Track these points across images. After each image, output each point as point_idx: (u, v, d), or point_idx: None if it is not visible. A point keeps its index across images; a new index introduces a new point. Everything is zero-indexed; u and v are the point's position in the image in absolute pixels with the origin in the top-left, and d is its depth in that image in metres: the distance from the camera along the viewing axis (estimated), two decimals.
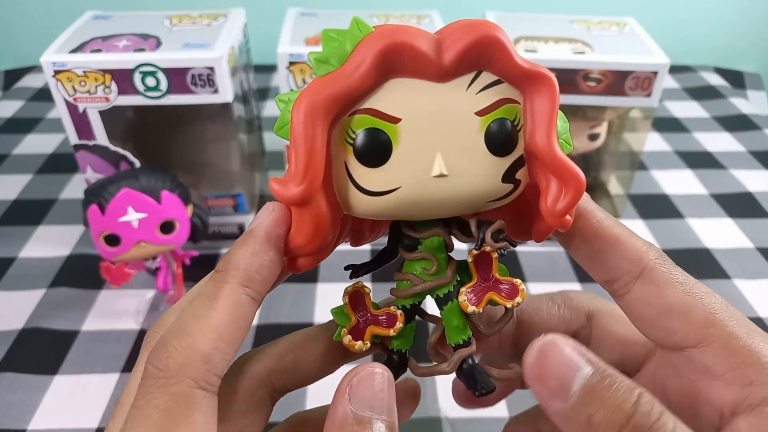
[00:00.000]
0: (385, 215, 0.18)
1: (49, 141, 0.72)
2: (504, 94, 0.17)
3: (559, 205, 0.17)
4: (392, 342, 0.20)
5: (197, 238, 0.48)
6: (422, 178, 0.17)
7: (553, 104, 0.17)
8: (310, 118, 0.16)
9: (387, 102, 0.16)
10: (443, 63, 0.16)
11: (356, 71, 0.16)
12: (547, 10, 0.62)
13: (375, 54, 0.16)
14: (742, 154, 0.72)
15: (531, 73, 0.17)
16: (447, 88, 0.16)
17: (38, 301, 0.49)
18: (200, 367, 0.16)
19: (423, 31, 0.16)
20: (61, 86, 0.45)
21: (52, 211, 0.59)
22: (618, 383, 0.15)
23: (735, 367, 0.17)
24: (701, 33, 0.95)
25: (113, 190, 0.43)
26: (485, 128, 0.17)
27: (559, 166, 0.17)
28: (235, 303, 0.17)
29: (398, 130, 0.16)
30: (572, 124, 0.54)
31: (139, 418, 0.15)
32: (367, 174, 0.17)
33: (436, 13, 0.55)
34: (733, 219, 0.60)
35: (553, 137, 0.17)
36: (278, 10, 0.58)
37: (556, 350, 0.16)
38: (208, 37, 0.48)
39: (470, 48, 0.16)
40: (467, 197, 0.17)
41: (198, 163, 0.55)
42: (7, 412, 0.40)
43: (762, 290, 0.52)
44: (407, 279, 0.20)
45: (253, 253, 0.17)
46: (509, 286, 0.19)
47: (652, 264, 0.18)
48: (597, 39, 0.52)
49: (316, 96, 0.16)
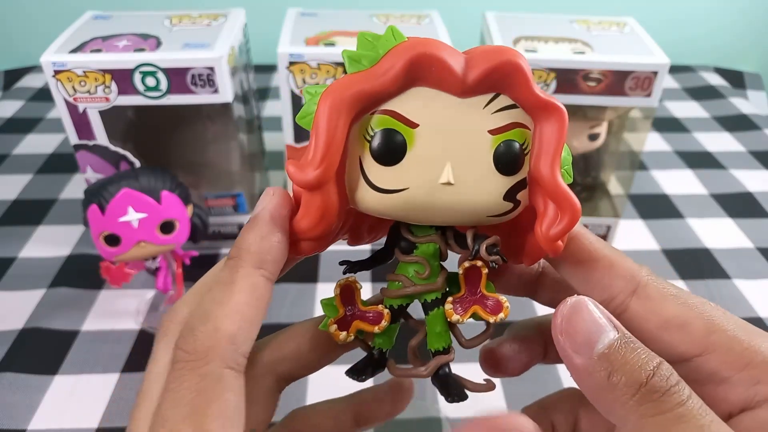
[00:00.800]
0: (388, 214, 0.19)
1: (49, 141, 0.72)
2: (517, 118, 0.18)
3: (553, 230, 0.18)
4: (375, 340, 0.21)
5: (197, 238, 0.48)
6: (430, 183, 0.18)
7: (560, 135, 0.18)
8: (336, 109, 0.17)
9: (408, 107, 0.17)
10: (467, 80, 0.17)
11: (386, 74, 0.17)
12: (547, 10, 0.62)
13: (406, 60, 0.17)
14: (742, 154, 0.72)
15: (545, 103, 0.18)
16: (466, 103, 0.18)
17: (38, 301, 0.49)
18: (227, 347, 0.17)
19: (453, 49, 0.17)
20: (61, 86, 0.45)
21: (52, 211, 0.59)
22: (640, 349, 0.16)
23: (741, 369, 0.17)
24: (701, 33, 0.95)
25: (113, 190, 0.43)
26: (495, 146, 0.18)
27: (559, 194, 0.18)
28: (252, 285, 0.17)
29: (414, 135, 0.17)
30: (572, 124, 0.54)
31: (173, 399, 0.16)
32: (379, 171, 0.18)
33: (436, 13, 0.55)
34: (733, 219, 0.60)
35: (556, 166, 0.18)
36: (278, 10, 0.58)
37: (587, 309, 0.17)
38: (208, 37, 0.48)
39: (494, 70, 0.17)
40: (469, 208, 0.18)
41: (198, 163, 0.55)
42: (7, 412, 0.40)
43: (762, 290, 0.52)
44: (399, 280, 0.21)
45: (262, 236, 0.18)
46: (494, 302, 0.20)
47: (645, 280, 0.19)
48: (597, 39, 0.52)
49: (345, 91, 0.17)
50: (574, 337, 0.17)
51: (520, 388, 0.42)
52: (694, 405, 0.15)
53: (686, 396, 0.15)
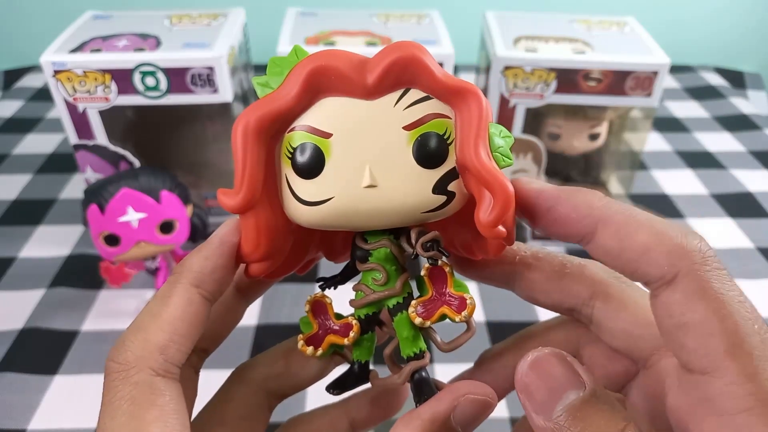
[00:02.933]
0: (325, 225, 0.19)
1: (48, 141, 0.72)
2: (433, 109, 0.18)
3: (489, 215, 0.17)
4: (353, 352, 0.21)
5: (197, 238, 0.48)
6: (353, 189, 0.18)
7: (479, 116, 0.17)
8: (244, 135, 0.17)
9: (319, 118, 0.18)
10: (367, 82, 0.17)
11: (288, 93, 0.17)
12: (547, 9, 0.62)
13: (303, 77, 0.17)
14: (742, 154, 0.72)
15: (454, 88, 0.18)
16: (375, 104, 0.18)
17: (38, 301, 0.49)
18: (157, 357, 0.17)
19: (351, 55, 0.18)
20: (61, 86, 0.45)
21: (51, 211, 0.59)
22: (605, 411, 0.15)
23: (740, 410, 0.14)
24: (701, 33, 0.95)
25: (113, 190, 0.43)
26: (412, 142, 0.18)
27: (486, 178, 0.17)
28: (187, 300, 0.18)
29: (330, 144, 0.18)
30: (573, 124, 0.54)
31: (110, 412, 0.16)
32: (304, 185, 0.18)
33: (436, 13, 0.55)
34: (733, 219, 0.60)
35: (480, 149, 0.17)
36: (278, 10, 0.58)
37: (548, 365, 0.16)
38: (208, 37, 0.48)
39: (390, 68, 0.17)
40: (398, 208, 0.18)
41: (198, 163, 0.55)
42: (7, 412, 0.40)
43: (762, 290, 0.51)
44: (361, 289, 0.21)
45: (206, 257, 0.18)
46: (459, 300, 0.19)
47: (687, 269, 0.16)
48: (597, 39, 0.52)
49: (250, 116, 0.17)
50: (534, 395, 0.16)
51: None
52: None
53: None
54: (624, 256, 0.17)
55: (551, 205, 0.18)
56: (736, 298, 0.16)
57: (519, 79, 0.48)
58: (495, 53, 0.48)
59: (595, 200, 0.18)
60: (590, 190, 0.18)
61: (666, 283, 0.16)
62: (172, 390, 0.17)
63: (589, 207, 0.18)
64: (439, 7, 0.59)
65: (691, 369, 0.16)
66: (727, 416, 0.15)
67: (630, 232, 0.17)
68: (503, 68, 0.48)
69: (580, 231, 0.18)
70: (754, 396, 0.14)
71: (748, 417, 0.14)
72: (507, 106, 0.50)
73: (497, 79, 0.49)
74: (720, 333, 0.15)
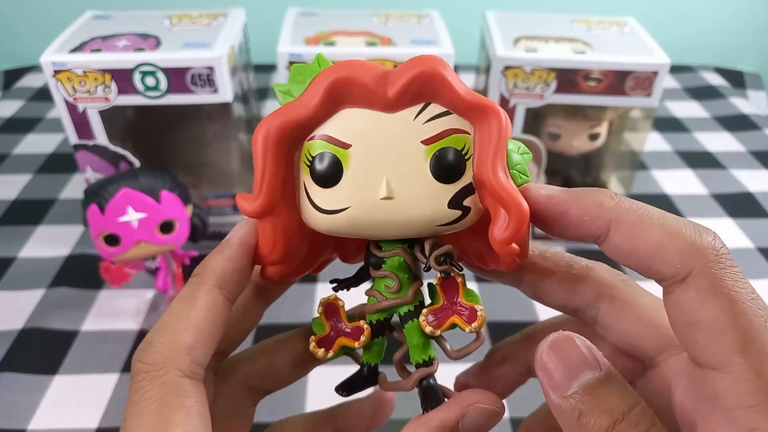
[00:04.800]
0: (340, 233, 0.19)
1: (48, 141, 0.72)
2: (452, 124, 0.18)
3: (503, 233, 0.17)
4: (363, 355, 0.22)
5: (197, 238, 0.48)
6: (370, 200, 0.18)
7: (499, 134, 0.18)
8: (264, 142, 0.18)
9: (339, 129, 0.18)
10: (388, 95, 0.17)
11: (310, 102, 0.18)
12: (547, 9, 0.62)
13: (325, 87, 0.17)
14: (742, 154, 0.72)
15: (475, 104, 0.18)
16: (395, 118, 0.18)
17: (38, 301, 0.49)
18: (184, 357, 0.17)
19: (375, 66, 0.18)
20: (61, 86, 0.45)
21: (51, 211, 0.59)
22: (618, 391, 0.16)
23: (747, 406, 0.15)
24: (701, 33, 0.95)
25: (113, 190, 0.43)
26: (430, 156, 0.18)
27: (502, 196, 0.17)
28: (211, 302, 0.18)
29: (349, 155, 0.18)
30: (572, 124, 0.54)
31: (137, 411, 0.16)
32: (321, 193, 0.18)
33: (436, 13, 0.55)
34: (733, 219, 0.60)
35: (497, 166, 0.18)
36: (278, 10, 0.58)
37: (567, 346, 0.17)
38: (208, 37, 0.48)
39: (412, 82, 0.17)
40: (413, 220, 0.18)
41: (198, 163, 0.55)
42: (7, 412, 0.40)
43: (762, 290, 0.51)
44: (373, 295, 0.21)
45: (228, 258, 0.19)
46: (469, 310, 0.20)
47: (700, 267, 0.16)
48: (597, 39, 0.52)
49: (272, 123, 0.18)
50: (553, 374, 0.16)
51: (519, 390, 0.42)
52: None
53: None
54: (637, 255, 0.17)
55: (562, 210, 0.18)
56: (749, 296, 0.16)
57: (519, 79, 0.49)
58: (495, 53, 0.48)
59: (605, 200, 0.18)
60: (599, 190, 0.18)
61: (679, 281, 0.16)
62: (198, 392, 0.17)
63: (599, 208, 0.18)
64: (439, 7, 0.59)
65: (702, 365, 0.16)
66: (734, 412, 0.15)
67: (642, 231, 0.17)
68: (503, 68, 0.48)
69: (593, 232, 0.18)
70: (762, 393, 0.14)
71: (755, 414, 0.14)
72: (507, 106, 0.50)
73: (497, 79, 0.49)
74: (731, 330, 0.15)
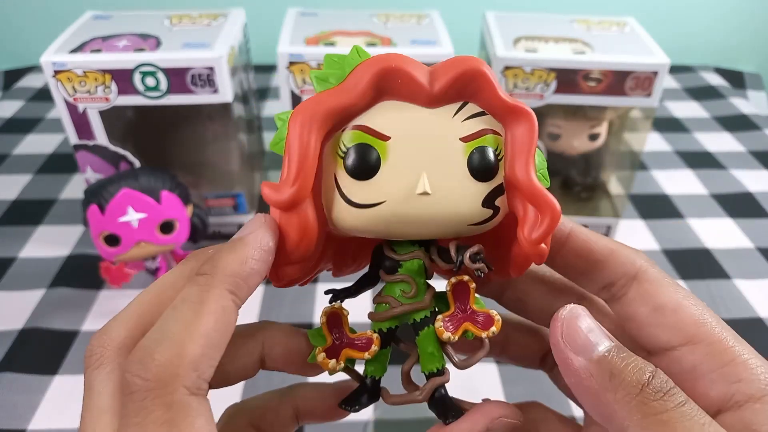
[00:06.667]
0: (368, 230, 0.19)
1: (49, 141, 0.72)
2: (487, 124, 0.18)
3: (535, 233, 0.18)
4: (366, 368, 0.21)
5: (197, 238, 0.48)
6: (407, 194, 0.18)
7: (531, 137, 0.18)
8: (307, 126, 0.17)
9: (379, 120, 0.18)
10: (433, 90, 0.17)
11: (354, 89, 0.17)
12: (547, 10, 0.62)
13: (372, 74, 0.17)
14: (742, 154, 0.72)
15: (512, 107, 0.18)
16: (435, 113, 0.18)
17: (38, 301, 0.49)
18: (191, 374, 0.15)
19: (417, 62, 0.17)
20: (61, 86, 0.45)
21: (52, 211, 0.59)
22: (635, 357, 0.16)
23: (723, 365, 0.17)
24: (701, 33, 0.95)
25: (113, 190, 0.44)
26: (468, 154, 0.18)
27: (537, 195, 0.18)
28: (222, 309, 0.16)
29: (387, 148, 0.18)
30: (572, 124, 0.54)
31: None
32: (355, 186, 0.18)
33: (436, 13, 0.55)
34: (733, 219, 0.60)
35: (531, 167, 0.18)
36: (278, 10, 0.58)
37: (585, 316, 0.17)
38: (208, 37, 0.48)
39: (458, 78, 0.17)
40: (449, 217, 0.18)
41: (198, 163, 0.55)
42: (7, 412, 0.40)
43: (762, 290, 0.51)
44: (386, 302, 0.20)
45: (244, 260, 0.17)
46: (484, 317, 0.20)
47: (646, 266, 0.19)
48: (597, 39, 0.52)
49: (314, 108, 0.17)
50: (575, 339, 0.17)
51: (520, 389, 0.42)
52: (693, 405, 0.15)
53: (685, 397, 0.16)
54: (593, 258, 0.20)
55: None
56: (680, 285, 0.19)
57: (519, 79, 0.49)
58: (495, 53, 0.48)
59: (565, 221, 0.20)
60: None
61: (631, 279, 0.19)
62: (206, 410, 0.16)
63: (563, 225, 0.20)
64: (439, 7, 0.59)
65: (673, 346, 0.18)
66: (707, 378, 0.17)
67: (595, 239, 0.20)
68: (503, 68, 0.48)
69: None
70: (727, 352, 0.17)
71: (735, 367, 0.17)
72: None
73: (497, 79, 0.49)
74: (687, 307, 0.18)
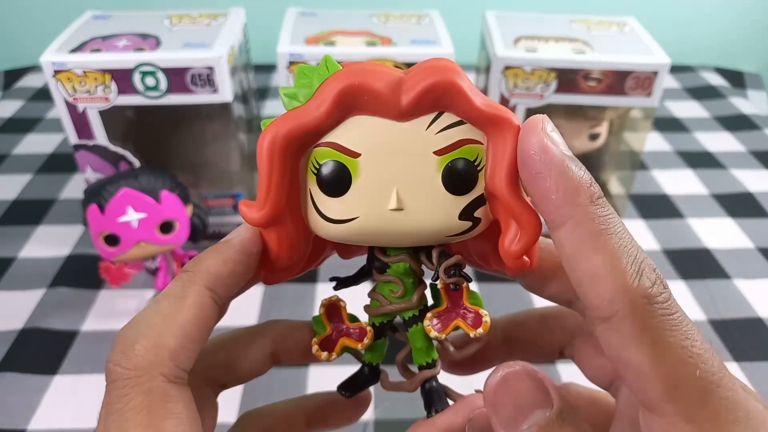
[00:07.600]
0: (346, 240, 0.19)
1: (48, 141, 0.72)
2: (465, 134, 0.17)
3: (513, 246, 0.17)
4: (364, 355, 0.22)
5: (197, 238, 0.48)
6: (379, 210, 0.18)
7: (512, 146, 0.17)
8: (270, 150, 0.17)
9: (348, 137, 0.17)
10: (401, 104, 0.17)
11: (318, 109, 0.17)
12: (547, 9, 0.62)
13: (335, 94, 0.16)
14: (743, 154, 0.72)
15: (490, 116, 0.17)
16: (407, 127, 0.17)
17: (38, 301, 0.49)
18: (168, 363, 0.16)
19: (387, 72, 0.17)
20: (61, 86, 0.45)
21: (51, 211, 0.59)
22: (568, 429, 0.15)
23: None
24: (701, 33, 0.95)
25: (113, 190, 0.43)
26: (443, 167, 0.17)
27: (516, 209, 0.17)
28: (201, 304, 0.17)
29: (358, 164, 0.17)
30: (572, 124, 0.54)
31: (121, 423, 0.15)
32: (328, 202, 0.18)
33: (436, 13, 0.55)
34: (733, 219, 0.60)
35: (512, 180, 0.17)
36: (278, 10, 0.58)
37: (518, 383, 0.16)
38: (208, 37, 0.48)
39: (427, 92, 0.16)
40: (423, 231, 0.18)
41: (198, 163, 0.55)
42: (7, 412, 0.40)
43: (762, 290, 0.51)
44: (377, 299, 0.21)
45: (226, 261, 0.18)
46: (474, 315, 0.19)
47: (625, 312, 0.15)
48: (597, 39, 0.52)
49: (278, 130, 0.17)
50: (501, 411, 0.16)
51: None
52: None
53: None
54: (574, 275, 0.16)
55: None
56: (680, 343, 0.14)
57: (519, 79, 0.49)
58: (495, 53, 0.48)
59: None
60: None
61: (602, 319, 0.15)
62: (185, 396, 0.16)
63: None
64: (439, 7, 0.59)
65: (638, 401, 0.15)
66: None
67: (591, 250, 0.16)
68: (503, 68, 0.48)
69: None
70: None
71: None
72: (507, 106, 0.50)
73: (497, 79, 0.49)
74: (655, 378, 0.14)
